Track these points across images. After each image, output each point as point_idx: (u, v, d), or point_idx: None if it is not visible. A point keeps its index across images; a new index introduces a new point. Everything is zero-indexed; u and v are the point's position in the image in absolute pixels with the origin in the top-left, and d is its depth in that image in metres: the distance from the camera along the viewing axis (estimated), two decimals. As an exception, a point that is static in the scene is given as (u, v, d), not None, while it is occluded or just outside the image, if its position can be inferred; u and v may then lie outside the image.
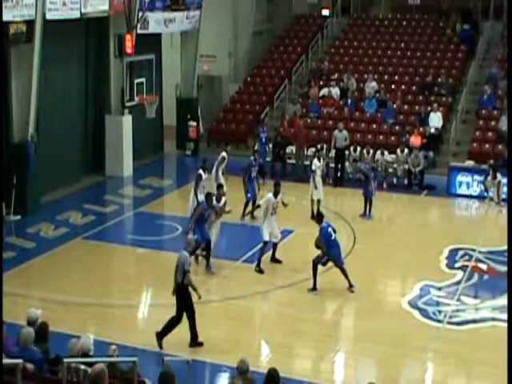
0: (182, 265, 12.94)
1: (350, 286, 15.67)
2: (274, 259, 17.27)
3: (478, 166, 23.45)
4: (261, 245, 16.95)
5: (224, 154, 20.99)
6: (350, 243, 18.26)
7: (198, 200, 18.06)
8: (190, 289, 13.04)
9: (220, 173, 20.65)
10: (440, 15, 31.54)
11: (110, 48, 24.35)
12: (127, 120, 24.85)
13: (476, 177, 23.08)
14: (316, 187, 20.38)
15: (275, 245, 17.17)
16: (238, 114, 29.12)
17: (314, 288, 15.64)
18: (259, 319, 15.30)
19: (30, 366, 8.82)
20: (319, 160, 20.84)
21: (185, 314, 13.08)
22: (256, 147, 23.77)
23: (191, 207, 18.23)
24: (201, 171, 18.71)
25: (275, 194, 17.10)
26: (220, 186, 18.05)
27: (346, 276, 15.64)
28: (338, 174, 24.13)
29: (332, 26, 32.70)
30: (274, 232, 17.00)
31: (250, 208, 19.81)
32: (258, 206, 17.78)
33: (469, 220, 22.65)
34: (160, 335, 13.13)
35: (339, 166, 24.18)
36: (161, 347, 13.03)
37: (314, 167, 20.61)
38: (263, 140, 25.26)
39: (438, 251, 18.16)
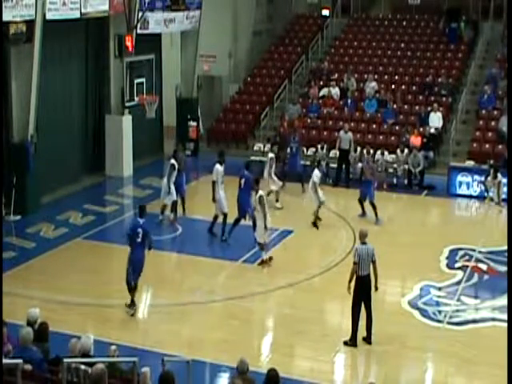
0: (371, 256, 13.51)
1: None
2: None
3: (478, 166, 23.43)
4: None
5: (271, 154, 21.59)
6: (350, 243, 18.23)
7: (170, 189, 19.38)
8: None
9: (273, 174, 21.32)
10: (440, 15, 31.54)
11: (110, 48, 24.35)
12: (127, 120, 24.84)
13: (476, 177, 23.06)
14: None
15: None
16: (237, 114, 29.09)
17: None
18: (259, 319, 15.28)
19: (27, 366, 8.80)
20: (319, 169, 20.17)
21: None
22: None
23: (163, 195, 19.78)
24: (173, 161, 19.70)
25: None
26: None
27: None
28: (343, 175, 24.02)
29: (332, 26, 32.66)
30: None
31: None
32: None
33: (469, 220, 22.62)
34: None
35: (343, 166, 24.10)
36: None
37: (315, 179, 19.78)
38: (293, 150, 23.48)
39: (438, 251, 18.16)
